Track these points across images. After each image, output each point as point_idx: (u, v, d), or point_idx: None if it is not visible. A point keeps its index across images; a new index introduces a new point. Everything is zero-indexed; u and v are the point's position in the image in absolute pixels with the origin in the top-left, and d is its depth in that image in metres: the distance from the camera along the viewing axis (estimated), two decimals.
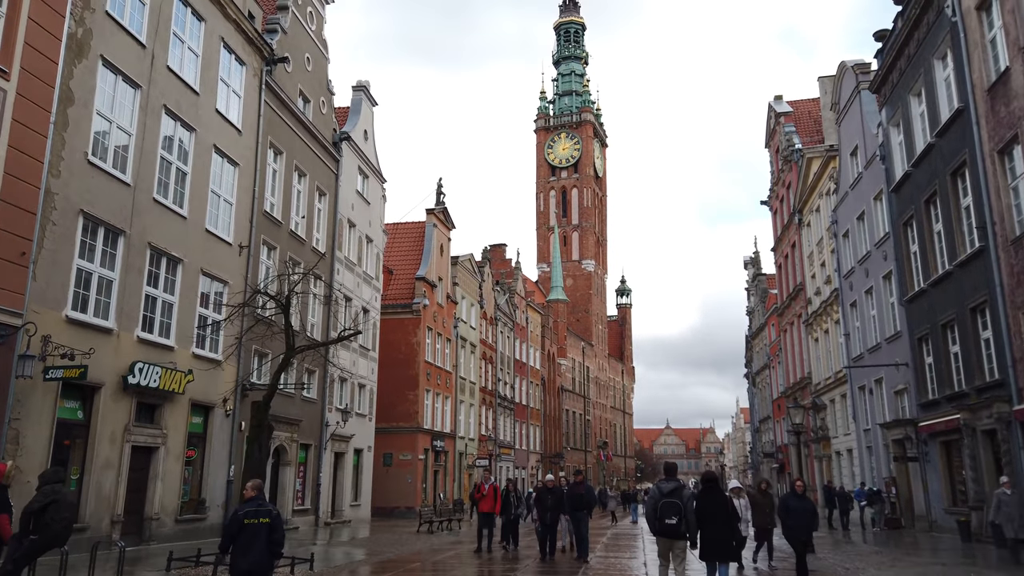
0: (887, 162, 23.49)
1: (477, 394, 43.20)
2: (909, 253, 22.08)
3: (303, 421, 22.21)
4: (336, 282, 25.03)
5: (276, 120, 21.14)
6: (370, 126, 29.10)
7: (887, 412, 24.60)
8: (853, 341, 28.12)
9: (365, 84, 28.60)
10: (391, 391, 33.16)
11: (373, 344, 29.02)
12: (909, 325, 22.12)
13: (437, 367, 36.39)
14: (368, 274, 28.55)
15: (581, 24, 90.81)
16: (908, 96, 21.43)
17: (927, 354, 21.14)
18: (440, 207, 38.14)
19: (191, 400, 16.44)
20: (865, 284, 26.19)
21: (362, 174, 28.20)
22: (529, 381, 55.68)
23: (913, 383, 22.00)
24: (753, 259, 52.92)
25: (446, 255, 39.09)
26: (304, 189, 23.06)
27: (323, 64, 24.76)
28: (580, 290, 79.57)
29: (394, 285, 35.91)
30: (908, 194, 21.71)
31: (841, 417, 30.40)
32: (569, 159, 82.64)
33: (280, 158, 21.50)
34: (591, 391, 75.26)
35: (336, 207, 25.20)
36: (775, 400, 45.29)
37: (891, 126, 23.09)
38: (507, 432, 49.74)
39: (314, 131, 23.50)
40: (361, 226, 27.76)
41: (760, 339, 50.66)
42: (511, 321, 51.64)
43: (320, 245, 24.17)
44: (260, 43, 19.90)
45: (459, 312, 40.32)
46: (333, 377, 24.76)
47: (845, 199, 28.17)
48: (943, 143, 19.11)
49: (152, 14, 15.53)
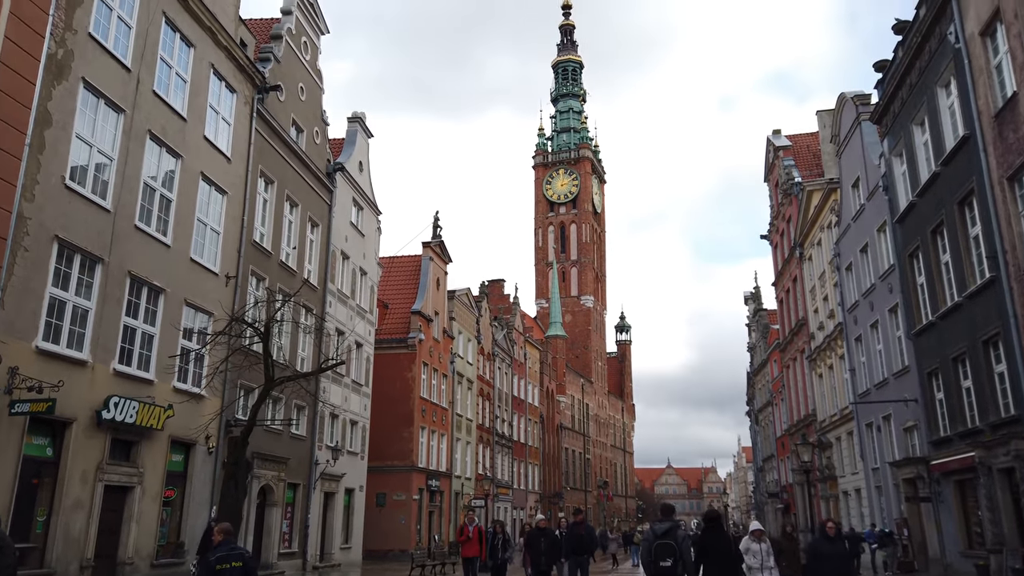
0: (890, 193, 23.06)
1: (474, 432, 42.27)
2: (916, 285, 21.50)
3: (291, 460, 21.39)
4: (328, 315, 24.40)
5: (267, 149, 20.73)
6: (365, 158, 28.75)
7: (896, 450, 23.79)
8: (859, 377, 27.40)
9: (360, 116, 28.32)
10: (385, 428, 32.29)
11: (366, 379, 28.27)
12: (918, 359, 21.44)
13: (433, 404, 35.56)
14: (362, 307, 27.92)
15: (579, 63, 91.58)
16: (911, 125, 21.05)
17: (937, 389, 20.43)
18: (436, 240, 37.68)
19: (171, 437, 15.69)
20: (870, 318, 25.58)
21: (356, 206, 27.75)
22: (527, 418, 54.69)
23: (923, 420, 21.25)
24: (754, 294, 52.38)
25: (443, 289, 38.52)
26: (296, 219, 22.57)
27: (317, 94, 24.46)
28: (579, 326, 78.85)
29: (389, 319, 35.27)
30: (913, 225, 21.21)
31: (848, 455, 29.52)
32: (567, 195, 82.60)
33: (271, 187, 21.04)
34: (591, 429, 74.10)
35: (329, 238, 24.68)
36: (779, 438, 44.33)
37: (894, 156, 22.69)
38: (505, 471, 48.63)
39: (307, 161, 23.09)
40: (355, 258, 27.22)
41: (762, 375, 49.84)
42: (509, 357, 50.86)
43: (312, 277, 23.60)
44: (252, 71, 19.57)
45: (456, 347, 39.61)
46: (323, 413, 23.98)
47: (847, 232, 27.70)
48: (949, 172, 18.66)
49: (138, 38, 15.15)
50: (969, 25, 17.15)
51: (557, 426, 63.66)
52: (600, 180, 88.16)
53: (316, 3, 23.98)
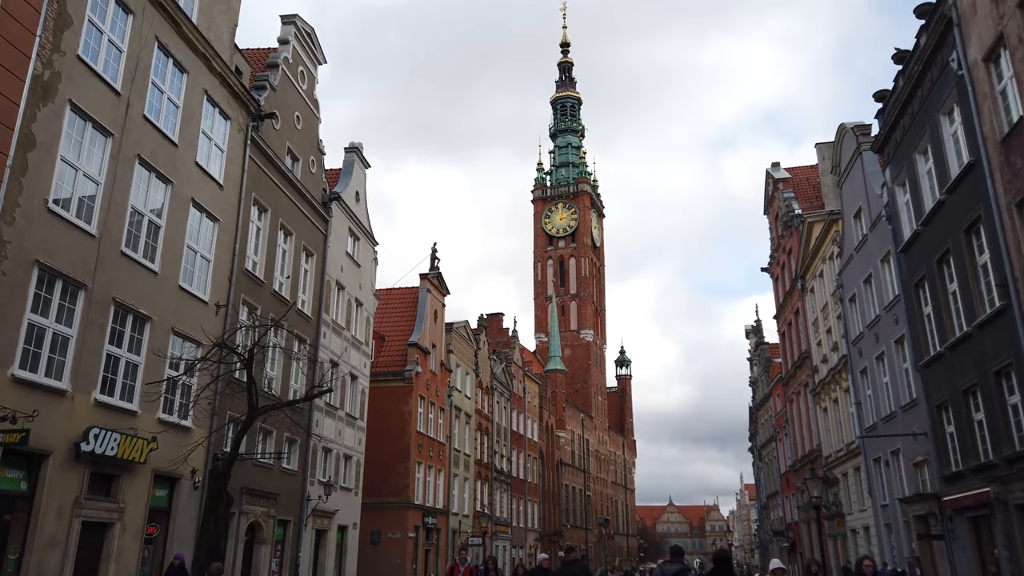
0: (894, 222, 22.72)
1: (472, 467, 41.42)
2: (922, 315, 21.04)
3: (281, 495, 20.70)
4: (322, 346, 23.88)
5: (261, 177, 20.42)
6: (362, 188, 28.49)
7: (906, 486, 23.10)
8: (865, 410, 26.80)
9: (357, 146, 28.13)
10: (381, 463, 31.54)
11: (361, 412, 27.63)
12: (926, 392, 20.89)
13: (430, 438, 34.84)
14: (357, 339, 27.42)
15: (577, 99, 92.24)
16: (913, 154, 20.79)
17: (948, 423, 19.85)
18: (434, 272, 37.30)
19: (154, 470, 15.08)
20: (875, 350, 25.06)
21: (353, 236, 27.41)
22: (527, 454, 53.77)
23: (934, 454, 20.62)
24: (755, 327, 51.84)
25: (440, 321, 38.03)
26: (290, 248, 22.19)
27: (314, 123, 24.26)
28: (579, 360, 78.14)
29: (386, 352, 34.72)
30: (918, 254, 20.83)
31: (855, 492, 28.76)
32: (566, 229, 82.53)
33: (265, 216, 20.70)
34: (591, 465, 72.98)
35: (324, 268, 24.29)
36: (783, 474, 43.44)
37: (896, 186, 22.41)
38: (503, 508, 47.61)
39: (302, 190, 22.79)
40: (351, 289, 26.79)
41: (765, 410, 49.08)
42: (508, 391, 50.16)
43: (306, 307, 23.14)
44: (246, 98, 19.34)
45: (453, 380, 38.98)
46: (316, 447, 23.33)
47: (850, 262, 27.33)
48: (954, 200, 18.33)
49: (129, 62, 14.90)
50: (972, 51, 16.96)
51: (557, 462, 62.63)
52: (599, 214, 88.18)
53: (313, 33, 23.91)
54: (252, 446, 19.08)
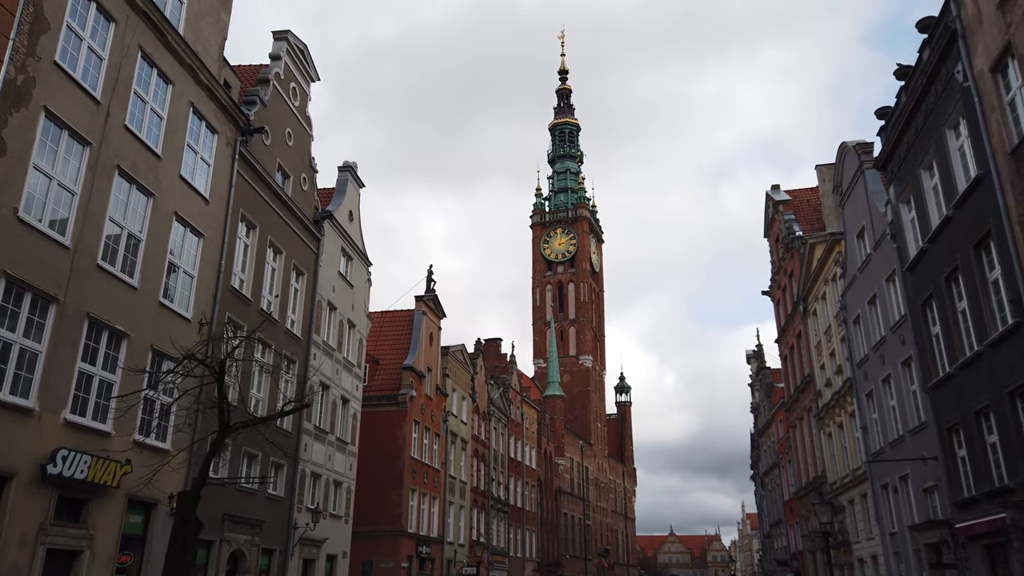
0: (899, 241, 22.18)
1: (468, 495, 40.45)
2: (930, 335, 20.40)
3: (266, 522, 19.88)
4: (312, 368, 23.20)
5: (250, 192, 19.91)
6: (356, 207, 27.99)
7: (916, 513, 22.29)
8: (871, 435, 26.04)
9: (352, 165, 27.69)
10: (373, 490, 30.67)
11: (352, 437, 26.85)
12: (936, 414, 20.18)
13: (424, 464, 33.97)
14: (349, 361, 26.72)
15: (576, 125, 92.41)
16: (918, 170, 20.31)
17: (959, 446, 19.12)
18: (430, 295, 36.69)
19: (128, 495, 14.34)
20: (881, 372, 24.38)
21: (345, 255, 26.85)
22: (525, 482, 52.72)
23: (945, 479, 19.85)
24: (756, 352, 51.13)
25: (436, 345, 37.34)
26: (279, 267, 21.61)
27: (306, 141, 23.82)
28: (578, 386, 77.25)
29: (379, 376, 34.00)
30: (925, 272, 20.26)
31: (862, 519, 27.89)
32: (565, 254, 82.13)
33: (253, 232, 20.14)
34: (591, 493, 71.72)
35: (315, 288, 23.68)
36: (787, 502, 42.45)
37: (901, 203, 21.91)
38: (501, 537, 46.50)
39: (293, 207, 22.27)
40: (343, 309, 26.16)
41: (767, 436, 48.19)
42: (505, 417, 49.28)
43: (296, 327, 22.49)
44: (235, 112, 18.89)
45: (449, 405, 38.19)
46: (304, 472, 22.53)
47: (854, 283, 26.75)
48: (962, 215, 17.80)
49: (110, 70, 14.44)
50: (978, 62, 16.52)
51: (556, 490, 61.48)
52: (598, 240, 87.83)
53: (306, 49, 23.56)
54: (235, 470, 18.33)
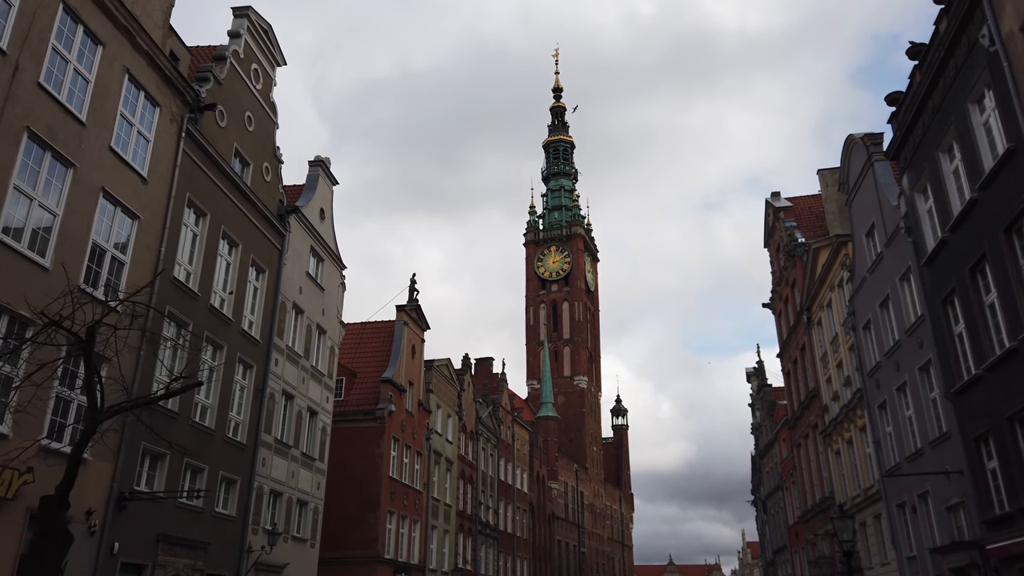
0: (914, 234, 20.29)
1: (453, 519, 38.09)
2: (952, 335, 18.44)
3: (213, 545, 17.68)
4: (273, 374, 21.14)
5: (200, 176, 18.01)
6: (328, 206, 26.10)
7: (938, 534, 20.14)
8: (885, 450, 23.95)
9: (323, 160, 25.85)
10: (346, 513, 28.42)
11: (320, 453, 24.68)
12: (960, 423, 18.15)
13: (404, 485, 31.72)
14: (318, 370, 24.64)
15: (570, 143, 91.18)
16: (936, 153, 18.50)
17: (989, 457, 17.07)
18: (412, 304, 34.70)
19: (30, 509, 12.22)
20: (896, 380, 22.37)
21: (315, 256, 24.90)
22: (516, 506, 50.28)
23: (973, 495, 17.77)
24: (756, 370, 49.03)
25: (419, 358, 35.25)
26: (235, 261, 19.64)
27: (270, 128, 21.98)
28: (572, 408, 74.95)
29: (356, 390, 31.88)
30: (945, 266, 18.36)
31: (876, 543, 25.68)
32: (559, 272, 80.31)
33: (203, 220, 18.20)
34: (586, 520, 69.10)
35: (278, 287, 21.70)
36: (791, 526, 40.13)
37: (916, 193, 20.07)
38: (489, 565, 44.00)
39: (252, 198, 20.36)
40: (311, 313, 24.15)
41: (770, 457, 45.93)
42: (495, 437, 47.01)
43: (254, 329, 20.47)
44: (182, 85, 17.05)
45: (433, 423, 36.00)
46: (262, 490, 20.36)
47: (863, 286, 24.84)
48: (989, 197, 15.94)
49: (20, 18, 12.59)
50: (1006, 23, 14.76)
51: (549, 515, 58.96)
52: (593, 258, 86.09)
53: (270, 30, 21.81)
54: (175, 485, 16.20)
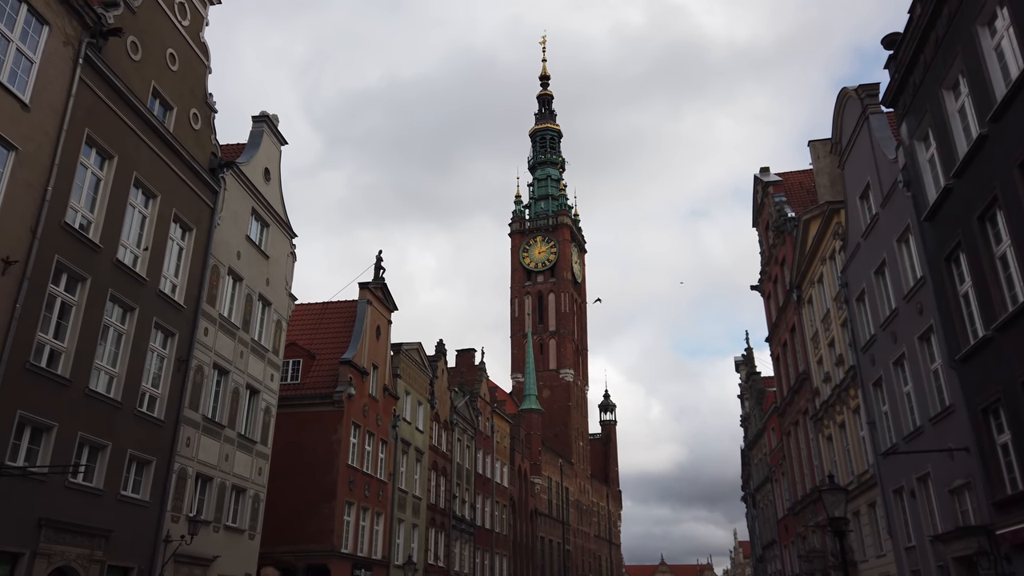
0: (914, 187, 18.27)
1: (424, 512, 35.91)
2: (957, 296, 16.41)
3: (116, 532, 15.46)
4: (201, 345, 18.94)
5: (104, 113, 15.82)
6: (275, 167, 23.89)
7: (940, 520, 18.11)
8: (880, 431, 21.92)
9: (269, 116, 23.62)
10: (298, 502, 26.26)
11: (263, 436, 22.46)
12: (966, 393, 16.11)
13: (366, 474, 29.53)
14: (261, 345, 22.44)
15: (557, 131, 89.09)
16: (939, 91, 16.45)
17: (999, 431, 15.04)
18: (377, 283, 32.50)
19: None
20: (893, 353, 20.34)
21: (258, 220, 22.70)
22: (495, 501, 48.13)
23: (981, 474, 15.73)
24: (745, 357, 47.02)
25: (385, 340, 33.07)
26: (151, 214, 17.44)
27: (200, 71, 19.78)
28: (558, 402, 72.83)
29: (315, 372, 29.71)
30: (949, 218, 16.32)
31: (871, 534, 23.64)
32: (545, 263, 78.19)
33: (109, 163, 16.01)
34: (571, 516, 66.96)
35: (208, 248, 19.49)
36: (780, 520, 38.10)
37: (916, 140, 18.03)
38: (464, 562, 41.83)
39: (175, 145, 18.16)
40: (252, 282, 21.95)
41: (759, 448, 43.90)
42: (472, 428, 44.84)
43: (177, 293, 18.27)
44: (79, 4, 14.85)
45: (401, 410, 33.81)
46: (186, 473, 18.15)
47: (857, 254, 22.82)
48: (1001, 129, 13.91)
49: None
50: None
51: (531, 511, 56.81)
52: (580, 249, 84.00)
53: None
54: (63, 460, 13.99)
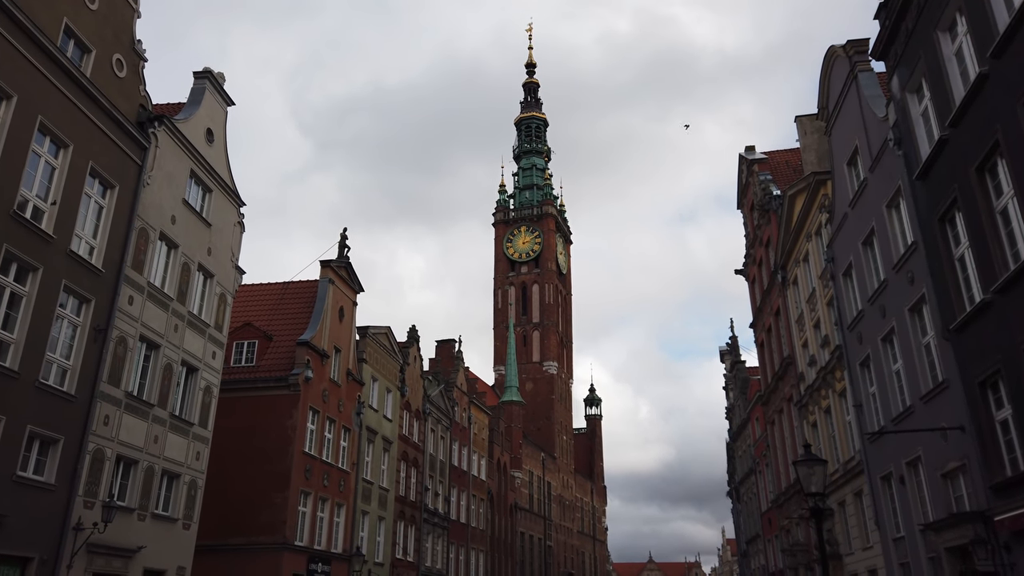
0: (905, 145, 16.76)
1: (391, 504, 34.22)
2: (952, 259, 14.89)
3: (10, 518, 13.76)
4: (124, 314, 17.22)
5: (2, 46, 14.07)
6: (220, 129, 22.13)
7: (932, 508, 16.61)
8: (867, 413, 20.42)
9: (214, 73, 21.86)
10: (251, 493, 24.56)
11: (202, 418, 20.72)
12: (962, 366, 14.60)
13: (325, 463, 27.82)
14: (199, 319, 20.70)
15: (543, 120, 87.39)
16: (934, 34, 14.93)
17: (998, 405, 13.56)
18: (341, 261, 30.77)
19: None
20: (881, 328, 18.84)
21: (199, 184, 20.96)
22: (471, 494, 46.49)
23: (977, 455, 14.22)
24: (730, 347, 45.56)
25: (349, 322, 31.36)
26: (62, 165, 15.69)
27: (126, 14, 18.02)
28: (541, 395, 71.21)
29: (271, 354, 27.99)
30: (944, 173, 14.82)
31: (856, 524, 22.13)
32: (530, 253, 76.51)
33: (6, 104, 14.26)
34: (553, 512, 65.40)
35: (134, 209, 17.75)
36: (764, 512, 36.65)
37: (909, 92, 16.53)
38: (438, 557, 40.20)
39: (92, 92, 16.41)
40: (190, 250, 20.21)
41: (743, 439, 42.44)
42: (447, 419, 43.18)
43: (94, 256, 16.53)
44: None
45: (367, 396, 32.12)
46: (103, 454, 16.43)
47: (844, 225, 21.33)
48: (1004, 65, 12.41)
49: None
50: None
51: (511, 506, 55.21)
52: (566, 240, 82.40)
53: None
54: None
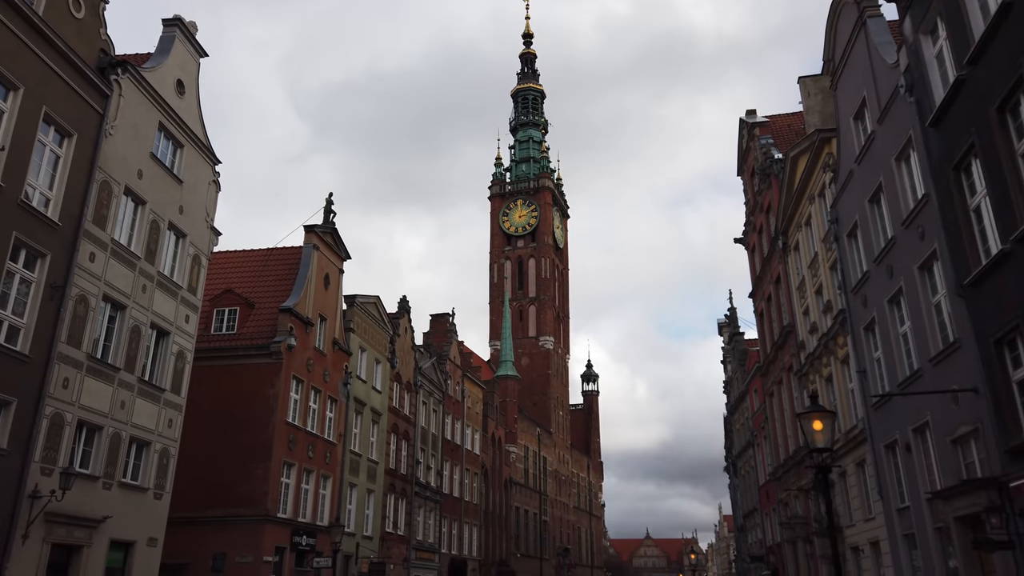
0: (917, 91, 15.64)
1: (380, 477, 33.46)
2: (967, 210, 13.87)
3: None
4: (85, 272, 16.22)
5: None
6: (191, 80, 20.97)
7: (940, 476, 15.73)
8: (872, 379, 19.51)
9: (185, 21, 20.66)
10: (228, 463, 23.74)
11: (174, 384, 19.78)
12: (976, 323, 13.63)
13: (310, 434, 26.96)
14: (171, 280, 19.69)
15: (540, 91, 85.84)
16: None
17: (1015, 364, 12.60)
18: (327, 227, 29.72)
19: None
20: (887, 290, 17.86)
21: (169, 138, 19.85)
22: (464, 468, 45.80)
23: (991, 418, 13.29)
24: (728, 318, 44.64)
25: (335, 290, 30.37)
26: (10, 109, 14.58)
27: None
28: (537, 370, 70.45)
29: (253, 322, 27.02)
30: (960, 117, 13.74)
31: (858, 495, 21.30)
32: (526, 227, 75.40)
33: None
34: (549, 487, 64.87)
35: (95, 160, 16.67)
36: (762, 486, 35.93)
37: (923, 34, 15.38)
38: (429, 530, 39.55)
39: (45, 31, 15.28)
40: (159, 207, 19.15)
41: (741, 412, 41.66)
42: (440, 392, 42.36)
43: (50, 209, 15.49)
44: None
45: (354, 366, 31.22)
46: (62, 419, 15.49)
47: (849, 182, 20.29)
48: None
49: None
50: None
51: (505, 480, 54.61)
52: (563, 213, 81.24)
53: None
54: None
